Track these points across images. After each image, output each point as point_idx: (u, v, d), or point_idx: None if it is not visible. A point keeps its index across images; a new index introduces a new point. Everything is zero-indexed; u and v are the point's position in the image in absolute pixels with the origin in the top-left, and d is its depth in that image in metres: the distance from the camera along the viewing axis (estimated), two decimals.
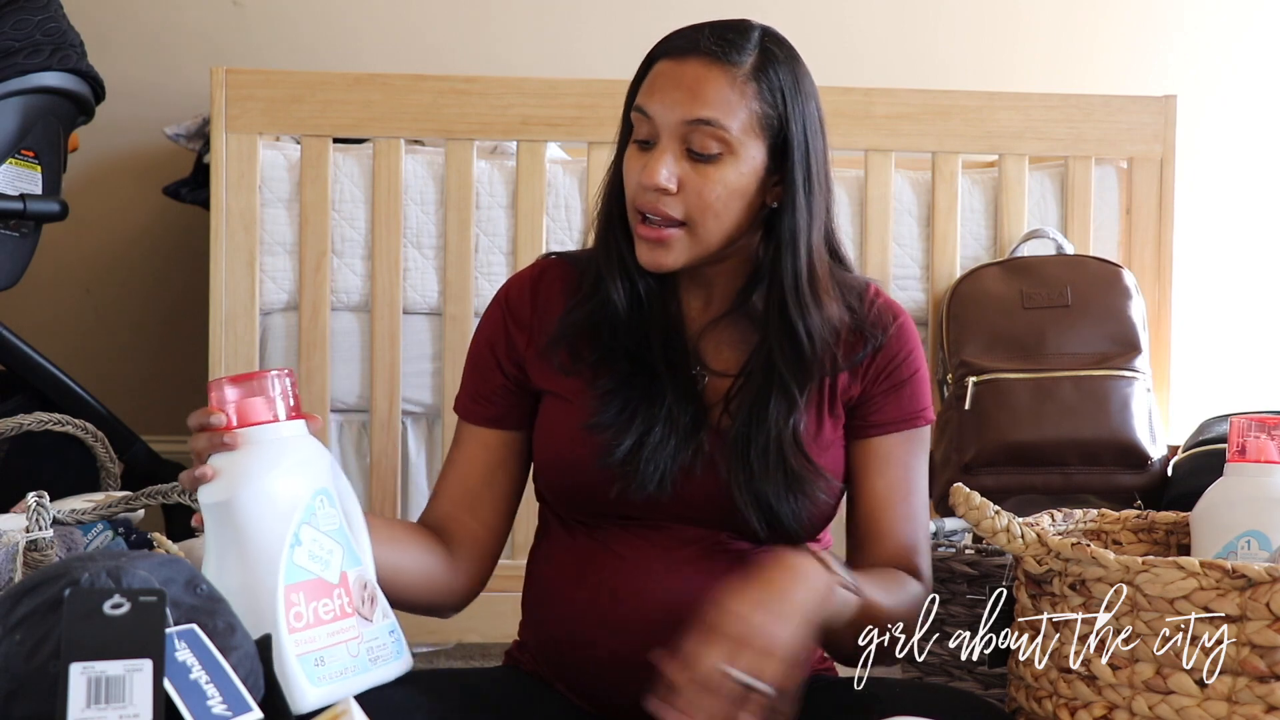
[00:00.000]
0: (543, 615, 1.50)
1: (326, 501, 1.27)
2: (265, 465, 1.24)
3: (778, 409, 1.42)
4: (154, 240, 3.02)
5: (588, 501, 1.46)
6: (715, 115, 1.38)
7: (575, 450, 1.44)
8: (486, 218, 2.44)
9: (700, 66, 1.39)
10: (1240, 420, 1.46)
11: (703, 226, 1.40)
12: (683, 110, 1.38)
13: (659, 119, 1.39)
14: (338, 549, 1.27)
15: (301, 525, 1.24)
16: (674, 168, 1.39)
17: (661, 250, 1.41)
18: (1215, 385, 3.06)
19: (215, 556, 1.25)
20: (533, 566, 1.54)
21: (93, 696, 1.01)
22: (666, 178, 1.38)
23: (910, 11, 3.13)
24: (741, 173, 1.40)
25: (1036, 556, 1.31)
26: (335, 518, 1.28)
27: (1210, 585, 1.21)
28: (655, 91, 1.40)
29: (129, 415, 2.59)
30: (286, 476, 1.24)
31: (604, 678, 1.44)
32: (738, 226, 1.42)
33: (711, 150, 1.39)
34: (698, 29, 1.42)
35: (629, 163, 1.43)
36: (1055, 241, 2.47)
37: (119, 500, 1.65)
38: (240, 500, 1.23)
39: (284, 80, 2.40)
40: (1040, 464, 2.25)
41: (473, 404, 1.52)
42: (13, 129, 2.29)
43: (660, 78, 1.41)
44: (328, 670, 1.23)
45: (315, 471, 1.27)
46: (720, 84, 1.39)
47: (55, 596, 1.06)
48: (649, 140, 1.41)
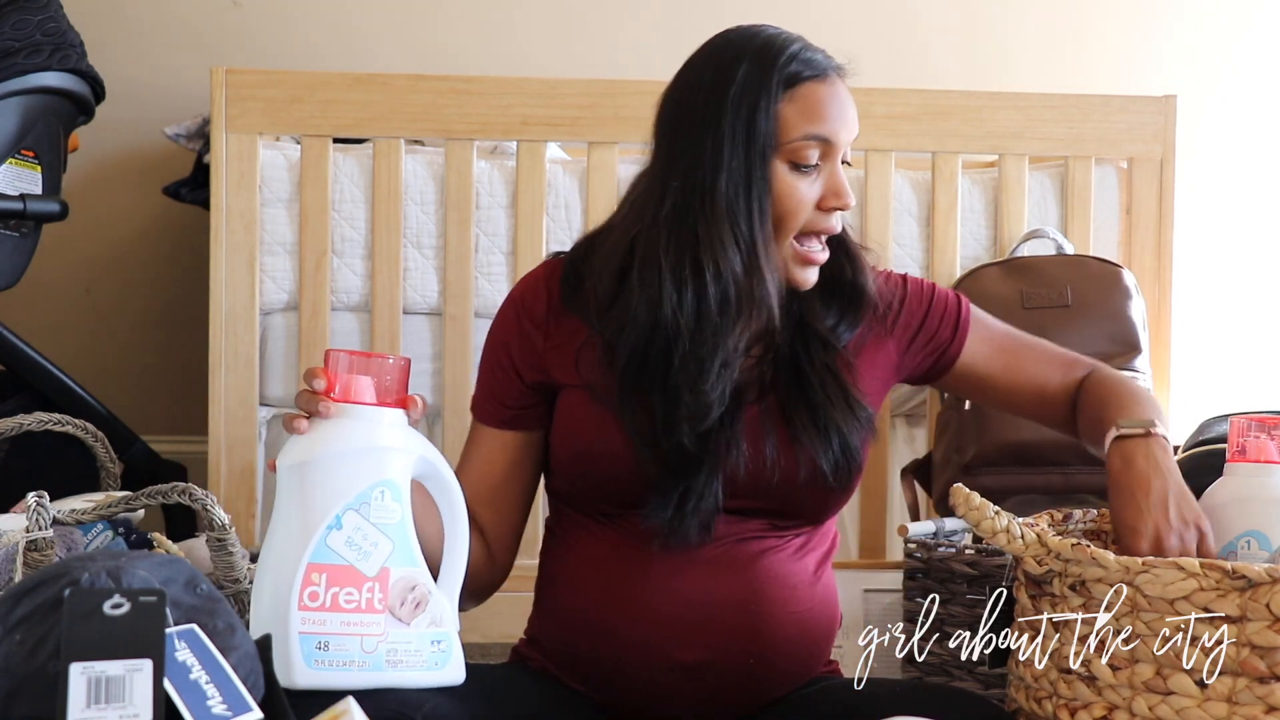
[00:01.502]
0: (560, 608, 1.50)
1: (389, 495, 1.27)
2: (335, 442, 1.26)
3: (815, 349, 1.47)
4: (154, 240, 3.02)
5: (617, 492, 1.45)
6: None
7: (606, 438, 1.44)
8: (486, 218, 2.44)
9: (842, 84, 1.46)
10: (1240, 420, 1.46)
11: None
12: (853, 127, 1.45)
13: (839, 140, 1.44)
14: (386, 543, 1.27)
15: (348, 510, 1.25)
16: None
17: (816, 268, 1.48)
18: (1215, 385, 3.06)
19: (274, 519, 1.27)
20: (548, 562, 1.54)
21: (93, 696, 1.01)
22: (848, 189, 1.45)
23: (911, 11, 3.13)
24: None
25: (1036, 557, 1.31)
26: (396, 513, 1.28)
27: (1210, 586, 1.20)
28: (837, 115, 1.43)
29: (129, 415, 2.59)
30: (351, 459, 1.26)
31: (622, 671, 1.44)
32: None
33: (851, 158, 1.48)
34: (810, 47, 1.46)
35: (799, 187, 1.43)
36: (1055, 241, 2.47)
37: (119, 500, 1.65)
38: (302, 469, 1.25)
39: (284, 80, 2.40)
40: (1040, 464, 2.25)
41: (488, 405, 1.53)
42: (13, 129, 2.29)
43: (830, 101, 1.43)
44: (331, 656, 1.23)
45: (387, 463, 1.28)
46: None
47: (55, 596, 1.06)
48: (818, 165, 1.44)
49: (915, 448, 2.55)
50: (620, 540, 1.46)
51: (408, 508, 1.29)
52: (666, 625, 1.43)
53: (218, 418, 2.37)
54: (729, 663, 1.43)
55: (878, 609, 2.00)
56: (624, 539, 1.46)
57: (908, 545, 1.97)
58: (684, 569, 1.44)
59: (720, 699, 1.44)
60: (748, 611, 1.43)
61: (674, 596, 1.43)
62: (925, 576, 1.94)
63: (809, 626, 1.47)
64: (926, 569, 1.94)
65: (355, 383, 1.27)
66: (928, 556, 1.94)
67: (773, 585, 1.45)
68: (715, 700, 1.44)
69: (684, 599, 1.43)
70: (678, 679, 1.43)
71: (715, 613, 1.43)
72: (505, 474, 1.52)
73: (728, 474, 1.43)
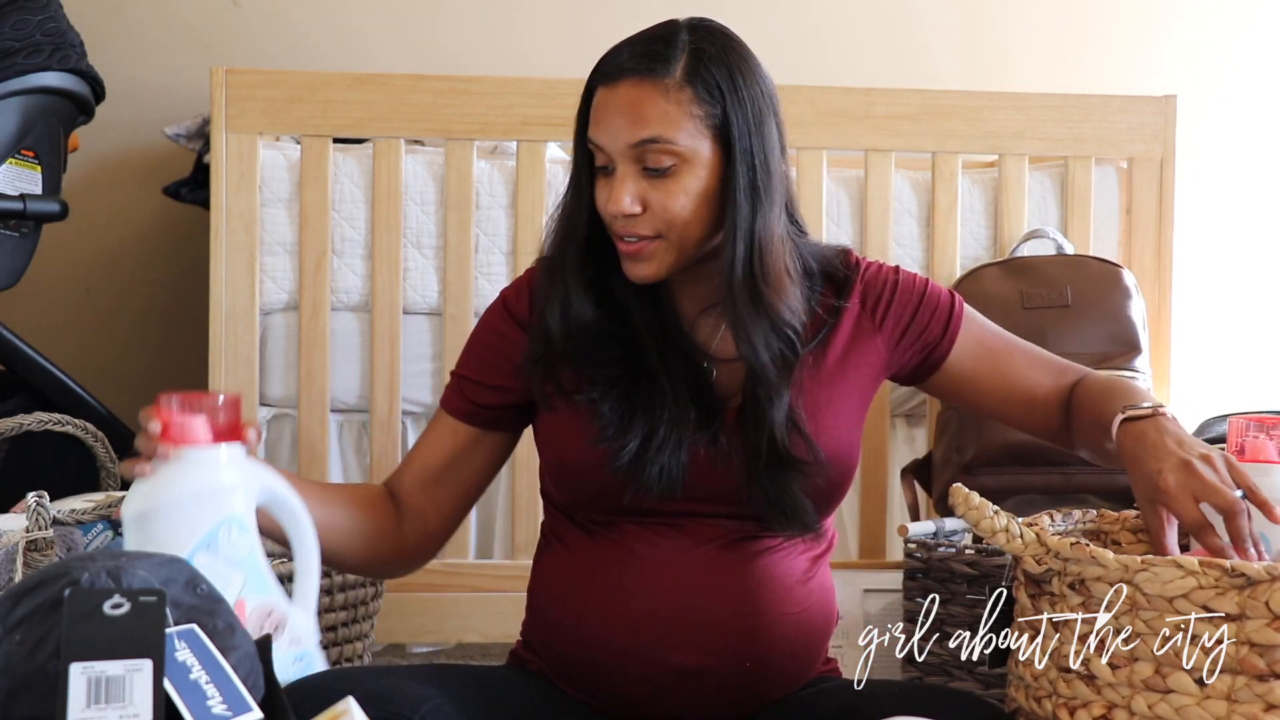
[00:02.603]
0: (553, 615, 1.50)
1: (236, 530, 1.28)
2: (176, 487, 1.26)
3: (765, 391, 1.44)
4: (154, 240, 3.02)
5: (603, 503, 1.47)
6: (658, 132, 1.40)
7: (584, 456, 1.45)
8: (486, 218, 2.44)
9: (632, 88, 1.41)
10: (1239, 420, 1.46)
11: (677, 235, 1.43)
12: (627, 135, 1.40)
13: (609, 148, 1.42)
14: (238, 576, 1.27)
15: (197, 552, 1.25)
16: (635, 190, 1.41)
17: (644, 263, 1.44)
18: (1215, 385, 3.06)
19: None
20: (541, 566, 1.54)
21: (93, 696, 1.01)
22: (630, 203, 1.41)
23: (911, 11, 3.13)
24: (699, 177, 1.41)
25: (1036, 556, 1.31)
26: (244, 546, 1.28)
27: (1209, 584, 1.20)
28: (599, 122, 1.43)
29: (129, 415, 2.58)
30: (194, 502, 1.26)
31: (615, 676, 1.44)
32: (712, 225, 1.44)
33: (664, 165, 1.41)
34: (620, 49, 1.44)
35: (598, 190, 1.45)
36: (1055, 241, 2.47)
37: (119, 500, 1.65)
38: (147, 519, 1.26)
39: (284, 80, 2.40)
40: (1040, 464, 2.25)
41: (452, 394, 1.55)
42: (13, 129, 2.29)
43: (600, 108, 1.43)
44: None
45: (229, 499, 1.28)
46: (655, 100, 1.40)
47: (55, 596, 1.06)
48: (606, 167, 1.44)
49: (915, 448, 2.55)
50: (611, 547, 1.46)
51: (255, 537, 1.30)
52: (660, 631, 1.42)
53: None
54: (725, 666, 1.43)
55: (878, 609, 2.00)
56: (615, 546, 1.46)
57: (908, 545, 1.97)
58: (676, 573, 1.44)
59: (718, 702, 1.44)
60: (742, 614, 1.43)
61: (666, 601, 1.43)
62: (925, 576, 1.94)
63: (805, 627, 1.47)
64: (926, 569, 1.94)
65: (189, 424, 1.28)
66: (928, 556, 1.94)
67: (767, 587, 1.45)
68: (713, 704, 1.44)
69: (677, 604, 1.43)
70: (673, 684, 1.43)
71: (709, 616, 1.43)
72: (446, 463, 1.54)
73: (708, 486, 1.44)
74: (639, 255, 1.43)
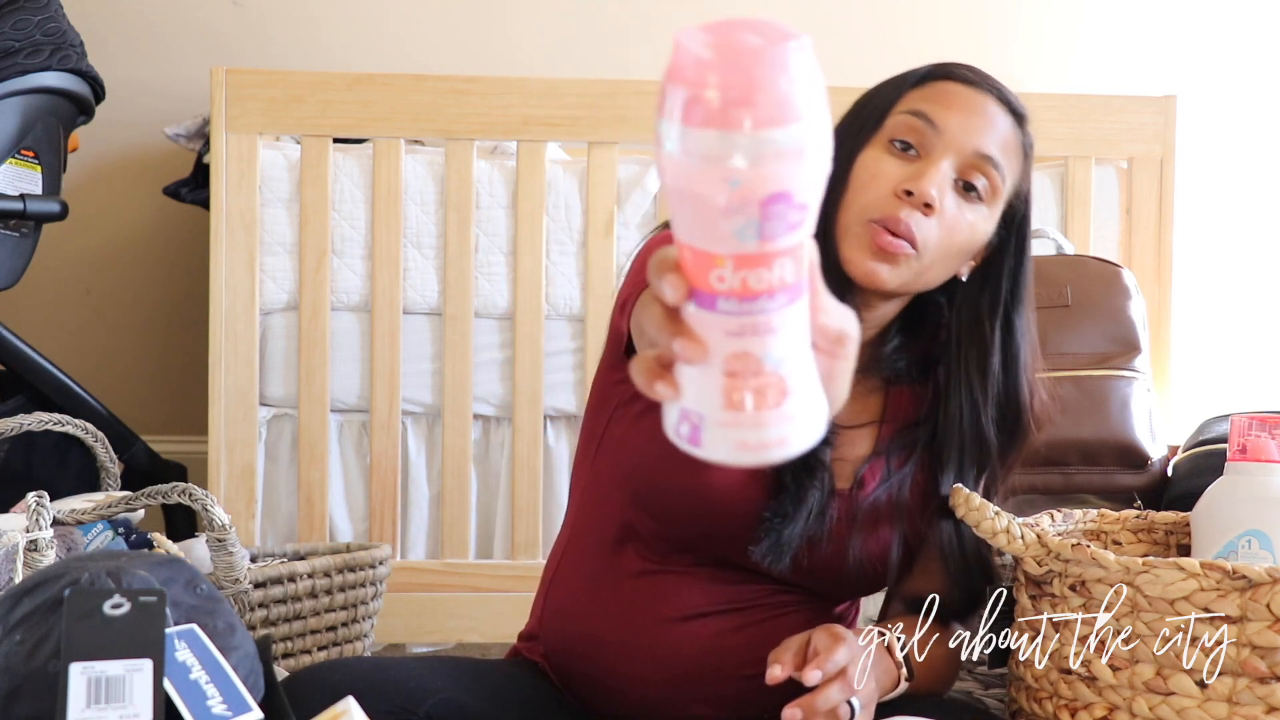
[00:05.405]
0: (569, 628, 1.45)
1: None
2: None
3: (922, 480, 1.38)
4: (154, 240, 3.02)
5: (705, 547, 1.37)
6: (1000, 158, 1.32)
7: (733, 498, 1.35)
8: (486, 218, 2.44)
9: (996, 105, 1.34)
10: (1240, 419, 1.46)
11: (931, 260, 1.31)
12: (978, 139, 1.31)
13: (949, 134, 1.31)
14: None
15: None
16: (945, 189, 1.31)
17: (888, 266, 1.30)
18: (1215, 385, 3.06)
19: None
20: (558, 578, 1.48)
21: (93, 696, 1.01)
22: (936, 195, 1.29)
23: (910, 11, 3.13)
24: (986, 228, 1.33)
25: (1036, 557, 1.31)
26: None
27: (1210, 586, 1.20)
28: (952, 107, 1.32)
29: (129, 415, 2.59)
30: None
31: (618, 698, 1.41)
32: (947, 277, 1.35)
33: (980, 189, 1.32)
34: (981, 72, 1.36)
35: (881, 164, 1.32)
36: (1055, 241, 2.47)
37: (119, 500, 1.65)
38: None
39: (284, 80, 2.40)
40: (1040, 464, 2.25)
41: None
42: (13, 129, 2.29)
43: (957, 97, 1.33)
44: None
45: None
46: (1010, 131, 1.34)
47: (55, 596, 1.06)
48: (915, 149, 1.32)
49: None
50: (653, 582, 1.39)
51: None
52: (680, 682, 1.38)
53: (218, 418, 2.37)
54: (737, 717, 1.38)
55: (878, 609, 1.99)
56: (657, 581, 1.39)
57: None
58: (715, 627, 1.38)
59: None
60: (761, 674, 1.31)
61: (696, 659, 1.37)
62: None
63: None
64: None
65: None
66: None
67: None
68: None
69: (693, 658, 1.37)
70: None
71: (734, 673, 1.38)
72: None
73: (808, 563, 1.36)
74: (895, 254, 1.29)
